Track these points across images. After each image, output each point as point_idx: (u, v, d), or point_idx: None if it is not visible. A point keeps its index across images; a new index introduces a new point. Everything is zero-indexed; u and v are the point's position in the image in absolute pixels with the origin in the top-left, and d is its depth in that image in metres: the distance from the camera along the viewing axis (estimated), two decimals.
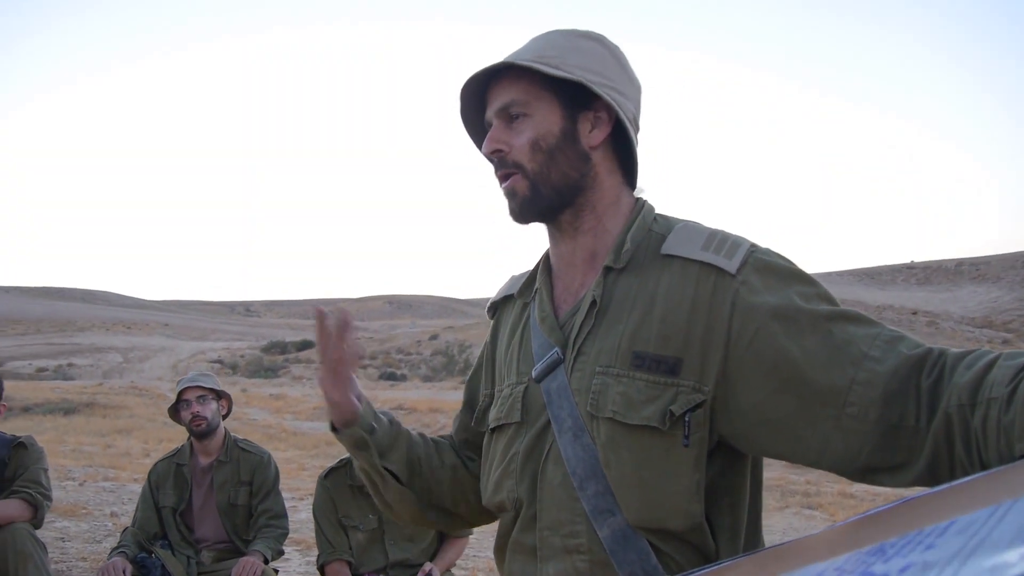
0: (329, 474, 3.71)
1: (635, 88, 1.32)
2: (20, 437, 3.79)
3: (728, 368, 1.15)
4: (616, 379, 1.20)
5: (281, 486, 4.02)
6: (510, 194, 1.29)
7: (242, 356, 50.98)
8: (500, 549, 1.35)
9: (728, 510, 1.22)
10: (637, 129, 1.31)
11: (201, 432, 3.84)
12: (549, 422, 1.26)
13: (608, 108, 1.26)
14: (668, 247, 1.23)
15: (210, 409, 3.85)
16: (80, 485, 8.98)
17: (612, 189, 1.30)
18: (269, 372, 42.14)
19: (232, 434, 4.02)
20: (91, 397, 22.03)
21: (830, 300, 1.17)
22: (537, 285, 1.38)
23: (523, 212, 1.29)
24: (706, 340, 1.16)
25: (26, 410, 20.77)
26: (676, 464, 1.16)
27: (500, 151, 1.27)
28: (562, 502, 1.22)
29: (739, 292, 1.15)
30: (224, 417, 3.99)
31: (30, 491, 3.55)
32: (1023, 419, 0.90)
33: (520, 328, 1.39)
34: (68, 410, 19.95)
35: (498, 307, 1.51)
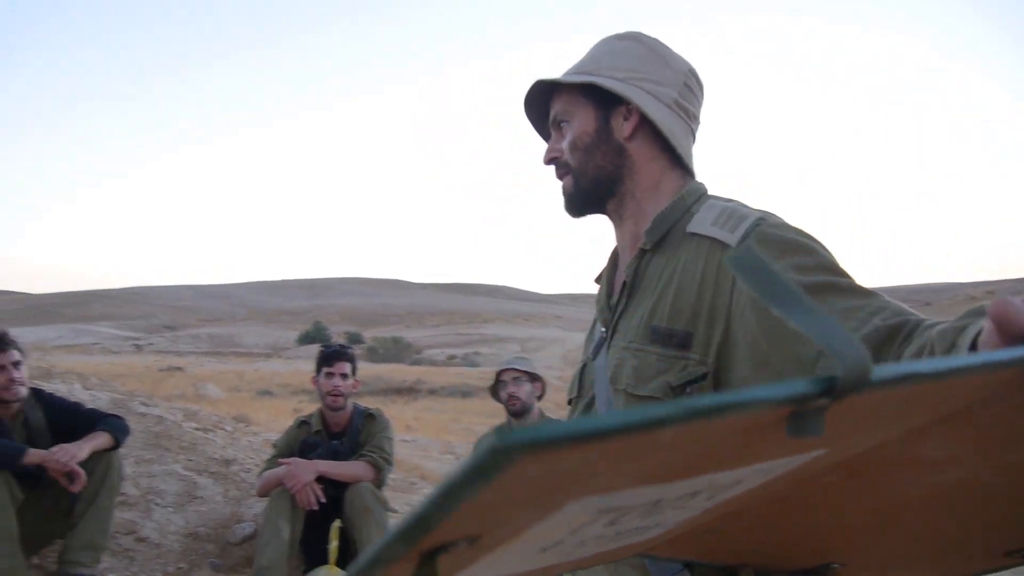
0: None
1: (675, 72, 1.37)
2: (371, 409, 4.38)
3: (728, 342, 1.18)
4: (633, 354, 1.27)
5: None
6: (563, 192, 1.41)
7: None
8: None
9: None
10: (686, 112, 1.38)
11: (515, 411, 4.15)
12: (594, 398, 1.38)
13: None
14: (691, 225, 1.28)
15: (524, 390, 4.15)
16: (457, 459, 10.02)
17: (651, 175, 1.36)
18: None
19: (547, 415, 4.29)
20: (488, 382, 24.39)
21: (832, 270, 1.14)
22: (602, 271, 1.50)
23: (570, 205, 1.41)
24: (711, 314, 1.20)
25: (432, 392, 23.61)
26: None
27: (555, 157, 1.40)
28: None
29: None
30: (539, 399, 4.27)
31: (375, 455, 4.10)
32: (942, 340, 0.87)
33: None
34: (466, 393, 22.22)
35: None
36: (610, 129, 1.36)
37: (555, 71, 1.42)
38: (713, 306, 1.20)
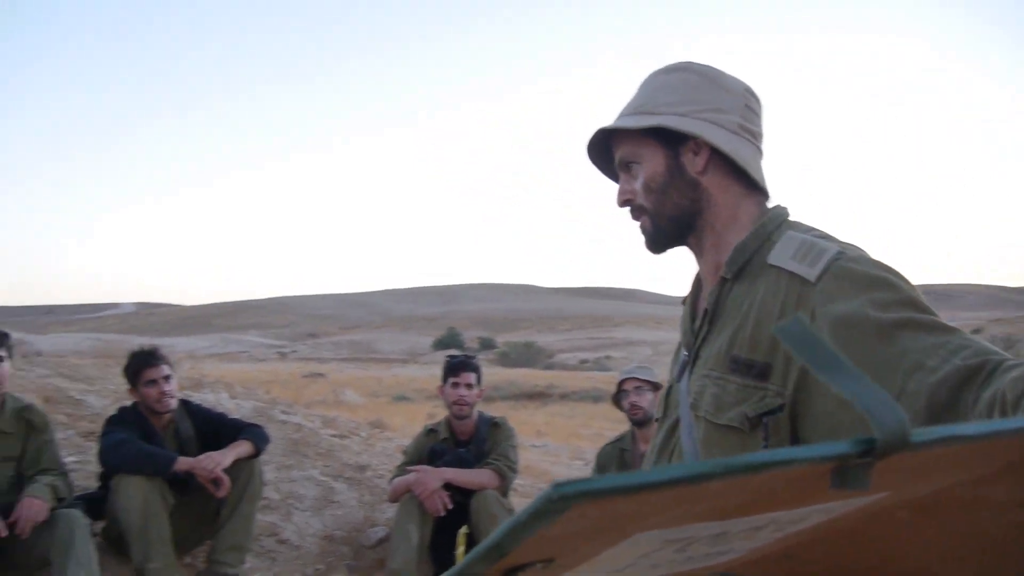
0: None
1: (734, 95, 1.37)
2: (496, 418, 4.47)
3: (807, 376, 1.17)
4: (714, 382, 1.29)
5: None
6: (641, 231, 1.43)
7: None
8: None
9: None
10: (751, 134, 1.38)
11: (637, 420, 4.14)
12: (679, 420, 1.39)
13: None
14: (771, 256, 1.28)
15: (646, 399, 4.13)
16: (585, 465, 10.02)
17: (728, 205, 1.37)
18: None
19: None
20: None
21: (913, 305, 1.13)
22: (687, 295, 1.52)
23: (651, 244, 1.43)
24: None
25: (563, 397, 23.68)
26: None
27: (628, 200, 1.42)
28: None
29: (818, 301, 1.18)
30: None
31: (500, 463, 4.18)
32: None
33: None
34: (597, 398, 22.15)
35: None
36: (682, 166, 1.36)
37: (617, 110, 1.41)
38: None
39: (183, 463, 3.55)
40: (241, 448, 3.75)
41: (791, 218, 1.37)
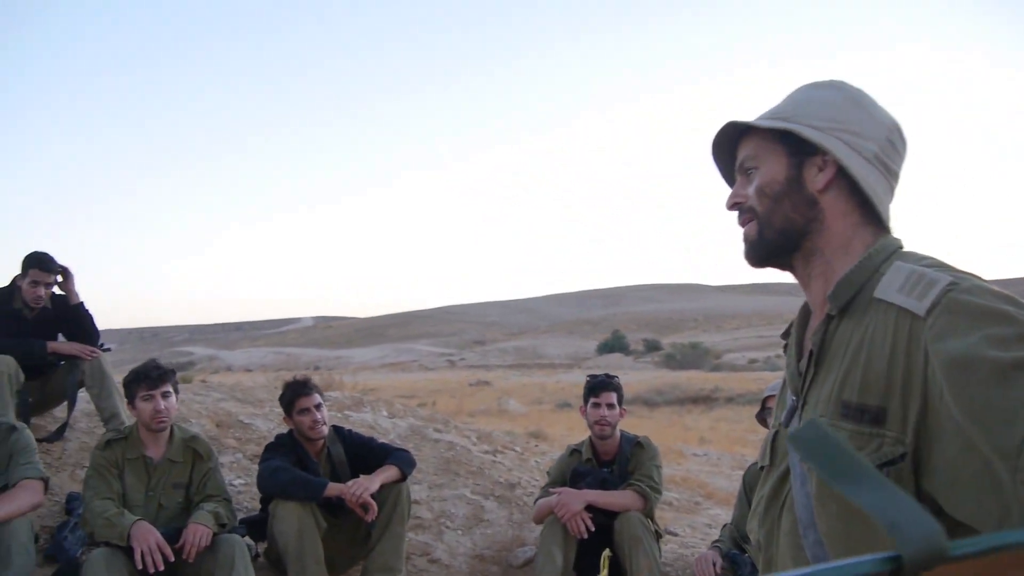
0: None
1: (878, 125, 1.30)
2: (639, 437, 4.42)
3: (927, 420, 1.07)
4: None
5: None
6: (744, 238, 1.35)
7: None
8: None
9: None
10: (887, 169, 1.30)
11: None
12: (788, 469, 1.29)
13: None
14: (878, 289, 1.18)
15: None
16: None
17: (842, 232, 1.28)
18: None
19: None
20: None
21: None
22: (791, 329, 1.41)
23: (751, 254, 1.34)
24: (905, 389, 1.09)
25: (729, 400, 23.05)
26: None
27: (738, 203, 1.35)
28: (790, 549, 1.25)
29: (929, 338, 1.07)
30: None
31: (643, 484, 4.14)
32: None
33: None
34: None
35: None
36: (802, 180, 1.29)
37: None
38: (907, 380, 1.09)
39: (333, 489, 3.73)
40: (388, 473, 3.90)
41: (905, 249, 1.26)
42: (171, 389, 3.67)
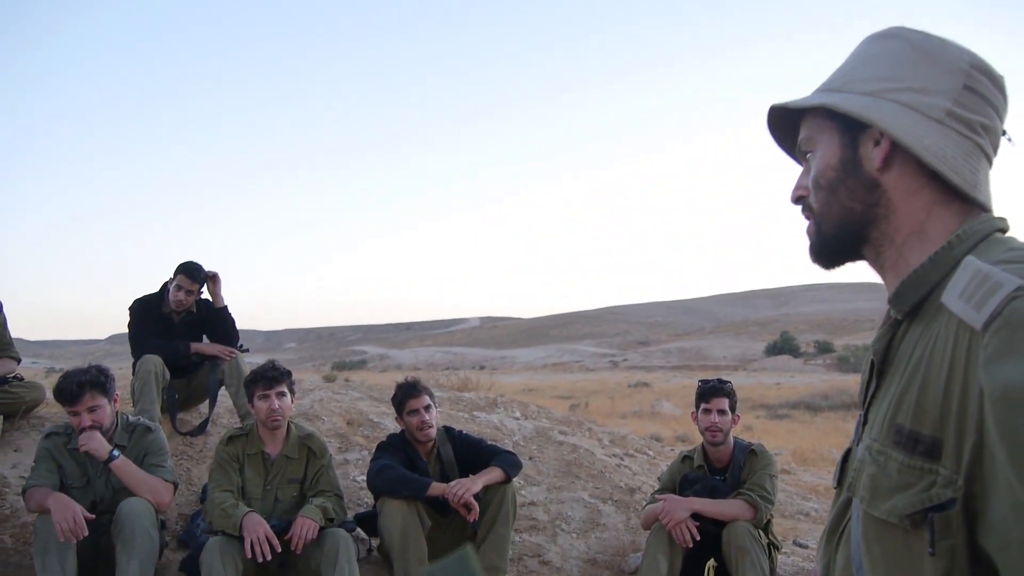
0: None
1: (948, 72, 1.04)
2: (753, 444, 4.29)
3: (982, 463, 0.84)
4: (874, 457, 0.98)
5: None
6: (808, 237, 1.16)
7: None
8: None
9: None
10: (966, 124, 1.04)
11: None
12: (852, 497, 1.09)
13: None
14: (945, 292, 0.94)
15: None
16: None
17: (913, 215, 1.05)
18: None
19: None
20: None
21: None
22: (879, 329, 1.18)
23: (816, 255, 1.15)
24: (960, 422, 0.87)
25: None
26: None
27: (801, 196, 1.16)
28: None
29: (983, 360, 0.84)
30: None
31: (754, 494, 4.01)
32: None
33: None
34: None
35: None
36: (859, 159, 1.07)
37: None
38: (962, 410, 0.87)
39: (436, 488, 3.83)
40: (492, 475, 3.97)
41: (1003, 235, 1.02)
42: (286, 390, 3.89)
